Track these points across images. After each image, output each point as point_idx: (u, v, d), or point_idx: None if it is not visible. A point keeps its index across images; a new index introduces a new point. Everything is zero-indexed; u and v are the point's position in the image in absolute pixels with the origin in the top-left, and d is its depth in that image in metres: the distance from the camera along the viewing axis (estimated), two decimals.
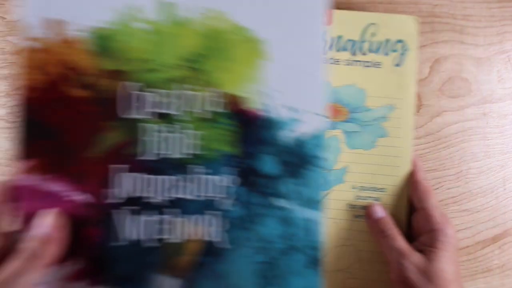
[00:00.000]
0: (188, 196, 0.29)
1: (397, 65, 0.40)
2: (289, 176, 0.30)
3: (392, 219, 0.38)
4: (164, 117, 0.29)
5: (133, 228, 0.29)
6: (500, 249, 0.45)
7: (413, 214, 0.37)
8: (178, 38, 0.29)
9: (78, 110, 0.29)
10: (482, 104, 0.45)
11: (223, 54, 0.30)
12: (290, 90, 0.30)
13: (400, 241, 0.36)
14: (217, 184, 0.30)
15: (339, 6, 0.43)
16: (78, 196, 0.29)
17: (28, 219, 0.28)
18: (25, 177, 0.28)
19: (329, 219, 0.39)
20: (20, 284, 0.25)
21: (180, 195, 0.29)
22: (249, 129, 0.30)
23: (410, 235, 0.38)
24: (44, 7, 0.29)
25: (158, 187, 0.29)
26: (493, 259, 0.45)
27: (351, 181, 0.39)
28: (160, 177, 0.29)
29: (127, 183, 0.29)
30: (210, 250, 0.29)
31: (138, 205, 0.29)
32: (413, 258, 0.34)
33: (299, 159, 0.30)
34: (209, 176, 0.30)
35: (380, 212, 0.38)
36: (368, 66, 0.40)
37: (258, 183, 0.30)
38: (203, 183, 0.30)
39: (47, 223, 0.27)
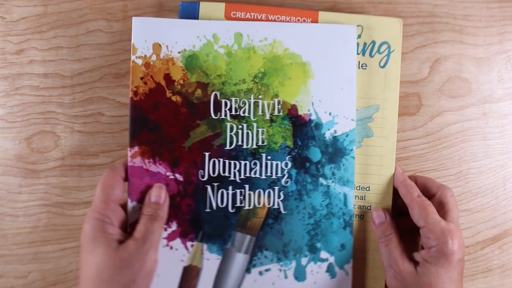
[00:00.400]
0: (256, 175, 0.39)
1: (382, 66, 0.41)
2: (329, 162, 0.39)
3: (393, 224, 0.38)
4: (238, 118, 0.39)
5: (218, 198, 0.38)
6: (500, 249, 0.45)
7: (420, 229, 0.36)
8: (245, 60, 0.39)
9: (173, 111, 0.38)
10: (482, 104, 0.45)
11: (280, 73, 0.39)
12: (329, 100, 0.39)
13: (395, 248, 0.36)
14: (277, 167, 0.39)
15: (339, 6, 0.43)
16: (175, 176, 0.38)
17: (137, 192, 0.37)
18: (134, 160, 0.37)
19: None
20: (153, 241, 0.34)
21: (250, 175, 0.39)
22: (299, 128, 0.39)
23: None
24: (148, 34, 0.38)
25: (235, 169, 0.38)
26: (493, 259, 0.45)
27: None
28: (236, 162, 0.38)
29: (213, 166, 0.38)
30: (272, 215, 0.39)
31: (221, 182, 0.38)
32: (404, 267, 0.35)
33: (335, 150, 0.39)
34: (271, 161, 0.39)
35: (381, 217, 0.38)
36: None
37: (306, 167, 0.39)
38: (267, 166, 0.39)
39: (159, 193, 0.37)
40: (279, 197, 0.39)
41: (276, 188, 0.39)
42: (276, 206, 0.39)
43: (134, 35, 0.38)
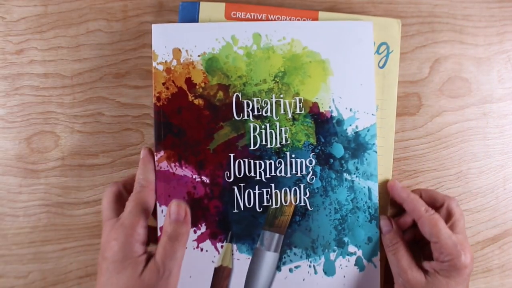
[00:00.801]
0: (282, 174, 0.39)
1: (381, 67, 0.41)
2: (352, 158, 0.40)
3: (400, 233, 0.38)
4: (261, 118, 0.39)
5: (245, 199, 0.39)
6: (500, 249, 0.45)
7: (430, 243, 0.36)
8: (265, 60, 0.39)
9: (196, 114, 0.39)
10: (482, 104, 0.45)
11: (300, 71, 0.39)
12: (349, 96, 0.40)
13: (403, 257, 0.36)
14: (301, 165, 0.39)
15: (339, 6, 0.43)
16: (201, 178, 0.39)
17: (165, 196, 0.38)
18: (160, 165, 0.38)
19: None
20: (173, 266, 0.33)
21: (276, 174, 0.39)
22: (321, 125, 0.40)
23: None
24: (167, 40, 0.39)
25: (260, 169, 0.39)
26: (493, 259, 0.45)
27: None
28: (261, 161, 0.39)
29: (238, 167, 0.39)
30: (299, 212, 0.39)
31: (247, 182, 0.39)
32: (412, 276, 0.35)
33: (358, 146, 0.40)
34: (295, 159, 0.39)
35: (387, 226, 0.39)
36: None
37: (330, 163, 0.40)
38: (291, 164, 0.39)
39: (177, 211, 0.34)
40: (305, 194, 0.39)
41: (302, 185, 0.39)
42: (302, 204, 0.39)
43: (154, 41, 0.38)
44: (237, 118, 0.39)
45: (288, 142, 0.39)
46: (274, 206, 0.39)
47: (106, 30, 0.42)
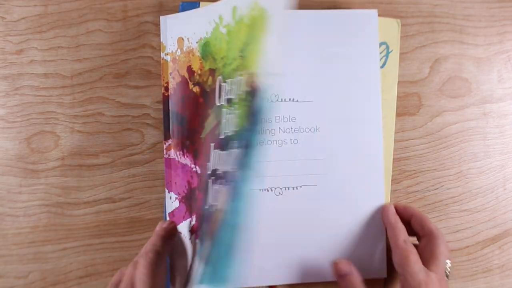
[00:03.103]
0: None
1: (381, 66, 0.41)
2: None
3: (359, 275, 0.36)
4: (230, 102, 0.35)
5: (213, 195, 0.34)
6: (500, 249, 0.45)
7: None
8: (237, 34, 0.35)
9: (194, 102, 0.38)
10: (482, 104, 0.45)
11: (256, 39, 0.33)
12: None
13: None
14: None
15: (339, 7, 0.43)
16: (196, 168, 0.37)
17: (173, 183, 0.38)
18: (169, 153, 0.39)
19: None
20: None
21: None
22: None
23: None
24: (173, 30, 0.39)
25: (224, 160, 0.34)
26: (493, 259, 0.45)
27: None
28: (225, 152, 0.34)
29: (213, 158, 0.35)
30: None
31: (215, 176, 0.35)
32: None
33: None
34: (234, 150, 0.33)
35: (346, 268, 0.36)
36: None
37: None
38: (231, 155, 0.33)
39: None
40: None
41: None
42: None
43: (162, 33, 0.39)
44: (217, 104, 0.36)
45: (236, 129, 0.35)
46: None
47: (106, 30, 0.42)
